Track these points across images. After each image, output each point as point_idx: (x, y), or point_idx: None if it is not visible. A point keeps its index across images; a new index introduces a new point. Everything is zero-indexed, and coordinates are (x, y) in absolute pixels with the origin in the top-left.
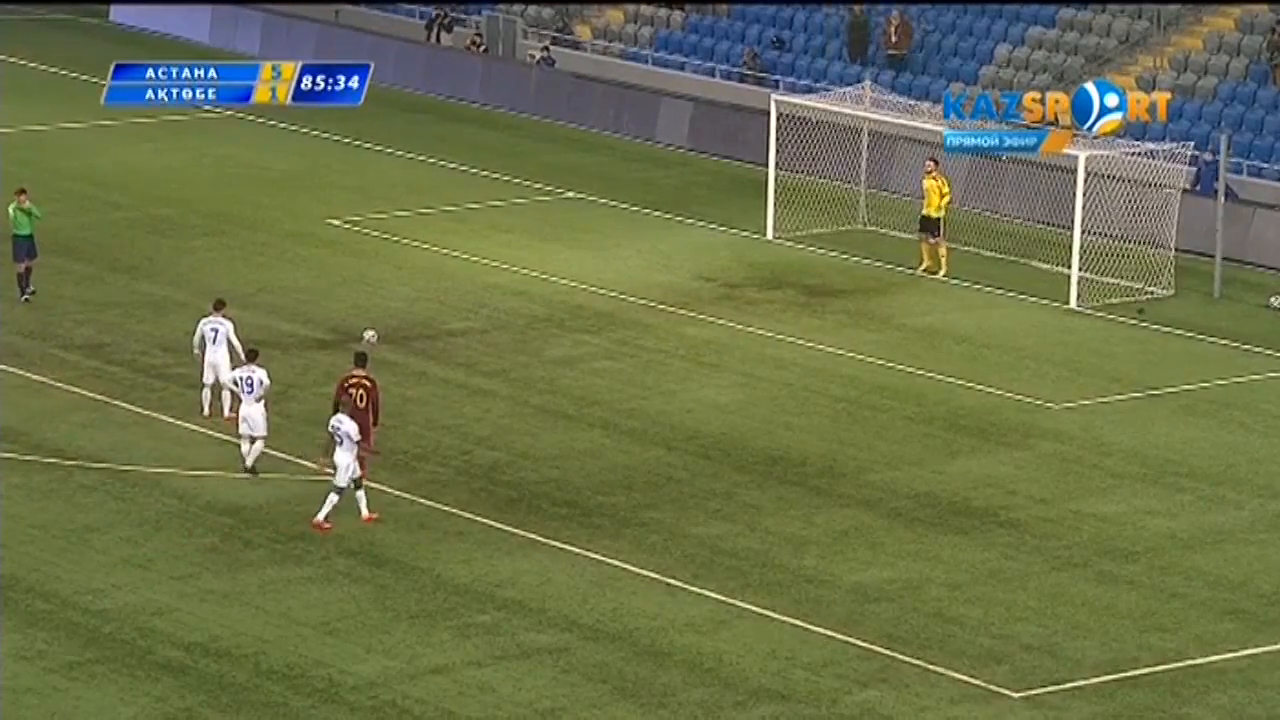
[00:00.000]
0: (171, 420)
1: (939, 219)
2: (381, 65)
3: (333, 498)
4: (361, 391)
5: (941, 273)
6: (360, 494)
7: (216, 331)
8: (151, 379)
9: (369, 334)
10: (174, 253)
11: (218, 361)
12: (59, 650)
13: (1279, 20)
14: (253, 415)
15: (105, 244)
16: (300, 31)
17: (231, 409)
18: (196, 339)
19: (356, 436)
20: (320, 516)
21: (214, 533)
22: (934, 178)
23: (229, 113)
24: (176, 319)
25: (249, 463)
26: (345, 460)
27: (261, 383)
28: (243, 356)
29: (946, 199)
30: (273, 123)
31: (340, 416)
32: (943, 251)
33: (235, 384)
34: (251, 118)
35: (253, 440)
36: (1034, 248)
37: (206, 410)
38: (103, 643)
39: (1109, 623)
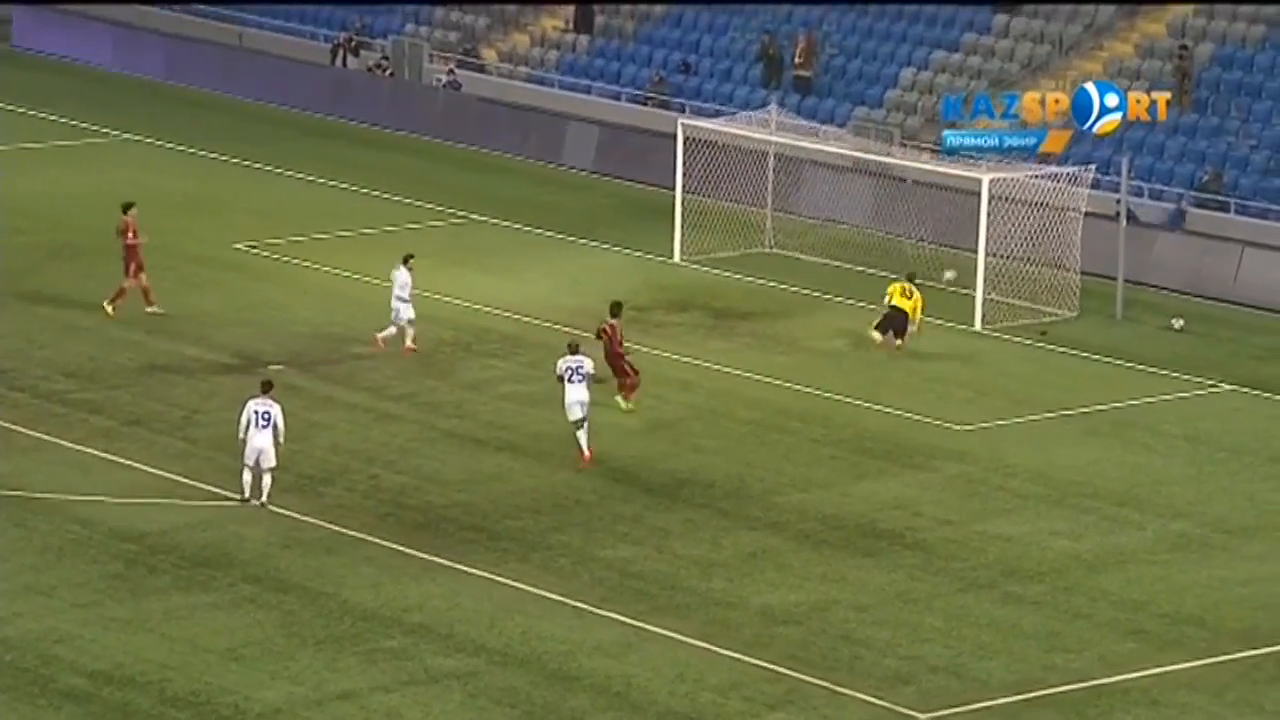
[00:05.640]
0: (74, 446)
1: (908, 316)
2: (287, 88)
3: (581, 434)
4: (605, 335)
5: (914, 327)
6: (582, 433)
7: (401, 281)
8: (53, 404)
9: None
10: (78, 278)
11: (399, 306)
12: None
13: (1182, 45)
14: (266, 447)
15: (7, 270)
16: (203, 54)
17: (414, 340)
18: (396, 287)
19: (593, 372)
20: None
21: (118, 559)
22: (906, 295)
23: (131, 137)
24: (79, 345)
25: (263, 497)
26: (579, 396)
27: (275, 419)
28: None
29: (920, 307)
30: (176, 147)
31: (579, 357)
32: (914, 329)
33: (252, 416)
34: (152, 141)
35: (262, 473)
36: (938, 270)
37: (402, 340)
38: (4, 671)
39: (1014, 643)
